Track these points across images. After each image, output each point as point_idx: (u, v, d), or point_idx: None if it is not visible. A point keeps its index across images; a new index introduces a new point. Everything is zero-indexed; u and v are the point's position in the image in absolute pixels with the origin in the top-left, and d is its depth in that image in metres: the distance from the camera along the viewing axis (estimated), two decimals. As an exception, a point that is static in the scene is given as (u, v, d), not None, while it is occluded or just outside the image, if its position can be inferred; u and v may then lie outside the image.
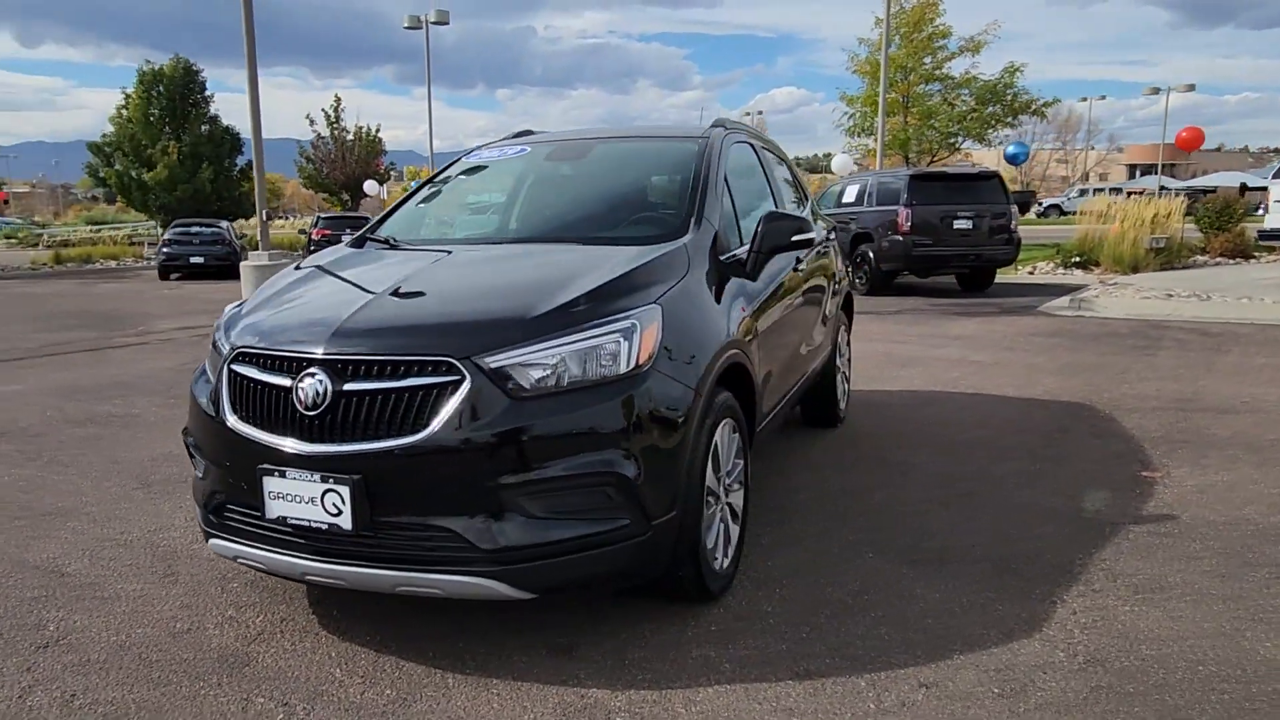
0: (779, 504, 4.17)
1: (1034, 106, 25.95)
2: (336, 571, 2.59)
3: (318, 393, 2.56)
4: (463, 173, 4.37)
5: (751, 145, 4.55)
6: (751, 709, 2.45)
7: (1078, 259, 17.16)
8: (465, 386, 2.50)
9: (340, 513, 2.52)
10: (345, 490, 2.50)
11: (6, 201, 54.15)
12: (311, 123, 35.10)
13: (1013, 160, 20.61)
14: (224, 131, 31.54)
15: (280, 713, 2.48)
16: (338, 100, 35.27)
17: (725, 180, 3.82)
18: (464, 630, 2.92)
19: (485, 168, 4.38)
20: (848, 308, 5.90)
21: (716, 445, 3.03)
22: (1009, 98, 25.61)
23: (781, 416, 4.32)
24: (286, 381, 2.63)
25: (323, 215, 24.54)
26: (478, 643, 2.85)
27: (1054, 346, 8.80)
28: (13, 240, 38.46)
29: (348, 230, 21.01)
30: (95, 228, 40.45)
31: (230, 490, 2.78)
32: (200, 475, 2.97)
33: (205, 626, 3.02)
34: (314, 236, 22.40)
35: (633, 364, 2.65)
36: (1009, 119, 26.10)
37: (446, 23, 32.55)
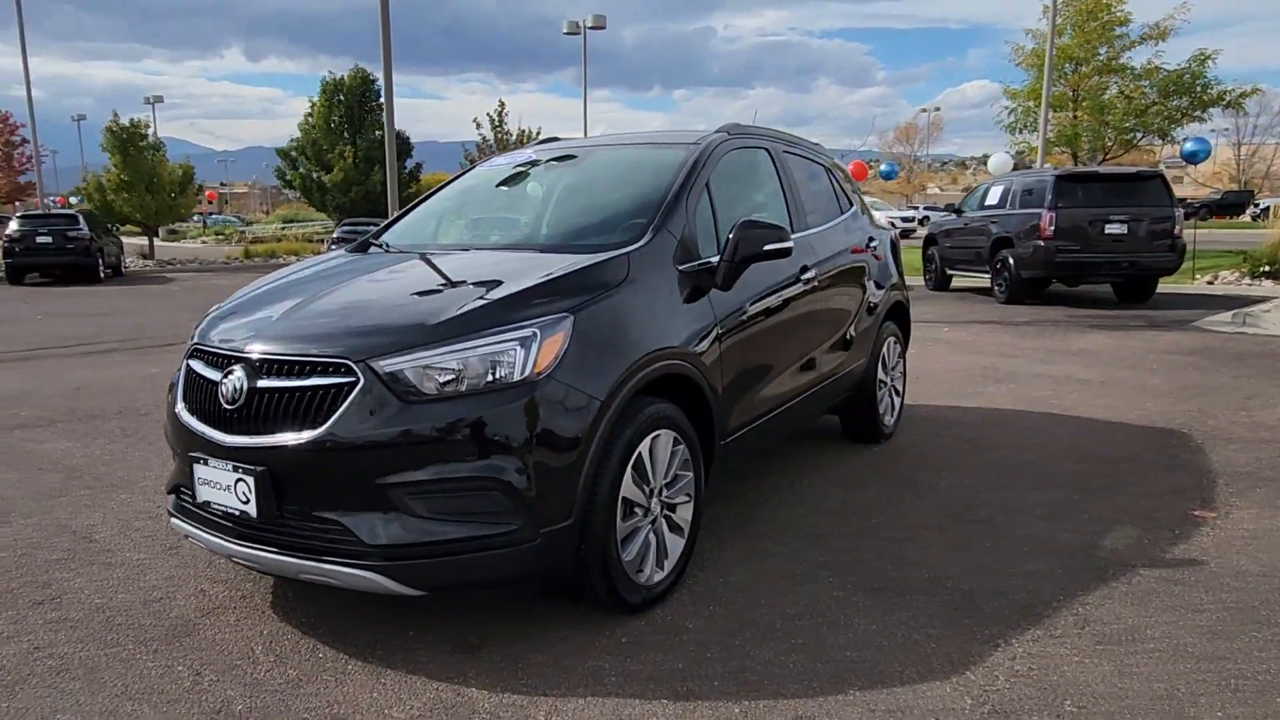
0: (766, 517, 4.07)
1: (1228, 98, 23.51)
2: (251, 555, 2.78)
3: (236, 388, 2.76)
4: (470, 180, 4.53)
5: (768, 151, 4.44)
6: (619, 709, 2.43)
7: (1267, 268, 15.43)
8: (358, 388, 2.62)
9: (248, 501, 2.70)
10: (251, 481, 2.67)
11: (213, 201, 60.21)
12: (478, 126, 36.81)
13: (1191, 159, 18.68)
14: (396, 136, 33.69)
15: (189, 680, 2.69)
16: (501, 105, 36.79)
17: (708, 188, 3.76)
18: (392, 621, 3.05)
19: (491, 175, 4.51)
20: (899, 319, 5.63)
21: (642, 456, 3.00)
22: (1198, 89, 23.34)
23: (780, 431, 4.20)
24: (217, 376, 2.85)
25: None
26: (396, 634, 2.97)
27: (1183, 366, 8.01)
28: (220, 236, 42.68)
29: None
30: (284, 226, 44.21)
31: (181, 474, 3.04)
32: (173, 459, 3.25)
33: (175, 597, 3.30)
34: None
35: (528, 372, 2.68)
36: (1197, 112, 23.79)
37: (603, 27, 33.37)
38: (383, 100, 34.26)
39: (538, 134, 38.01)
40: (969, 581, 3.36)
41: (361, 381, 2.63)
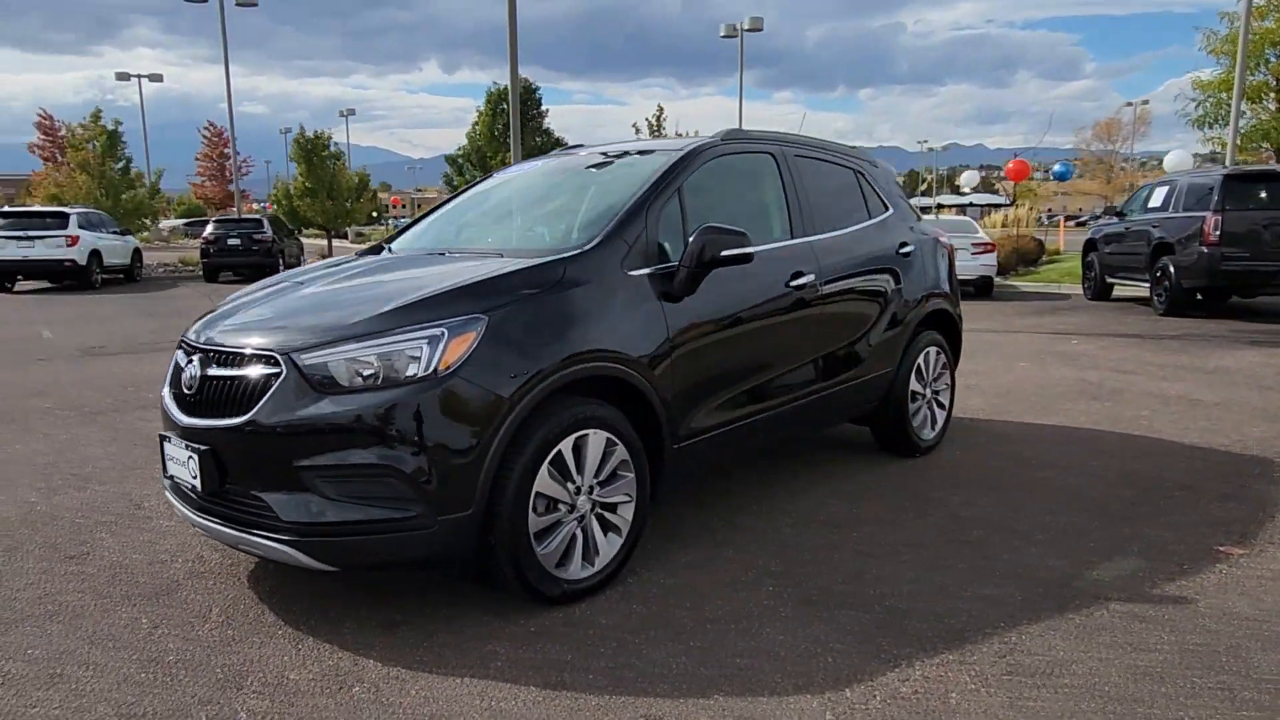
0: (746, 524, 4.05)
1: None
2: (203, 525, 3.11)
3: (192, 375, 3.10)
4: (485, 185, 4.76)
5: (773, 155, 4.40)
6: (471, 705, 2.56)
7: None
8: (281, 378, 2.89)
9: (196, 476, 3.03)
10: (197, 458, 3.00)
11: (399, 205, 64.83)
12: (636, 131, 37.54)
13: None
14: (555, 142, 34.97)
15: (145, 631, 3.04)
16: (660, 110, 37.30)
17: (680, 194, 3.80)
18: (342, 596, 3.30)
19: (502, 182, 4.72)
20: (946, 329, 5.39)
21: (563, 454, 3.11)
22: None
23: (771, 436, 4.17)
24: (184, 364, 3.21)
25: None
26: (338, 607, 3.22)
27: (1329, 388, 7.16)
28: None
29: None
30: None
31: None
32: None
33: (175, 560, 3.71)
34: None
35: (432, 368, 2.86)
36: None
37: (760, 29, 33.24)
38: (544, 108, 35.82)
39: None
40: (912, 601, 3.23)
41: (284, 372, 2.89)
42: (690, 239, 3.57)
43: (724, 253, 3.56)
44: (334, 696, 2.61)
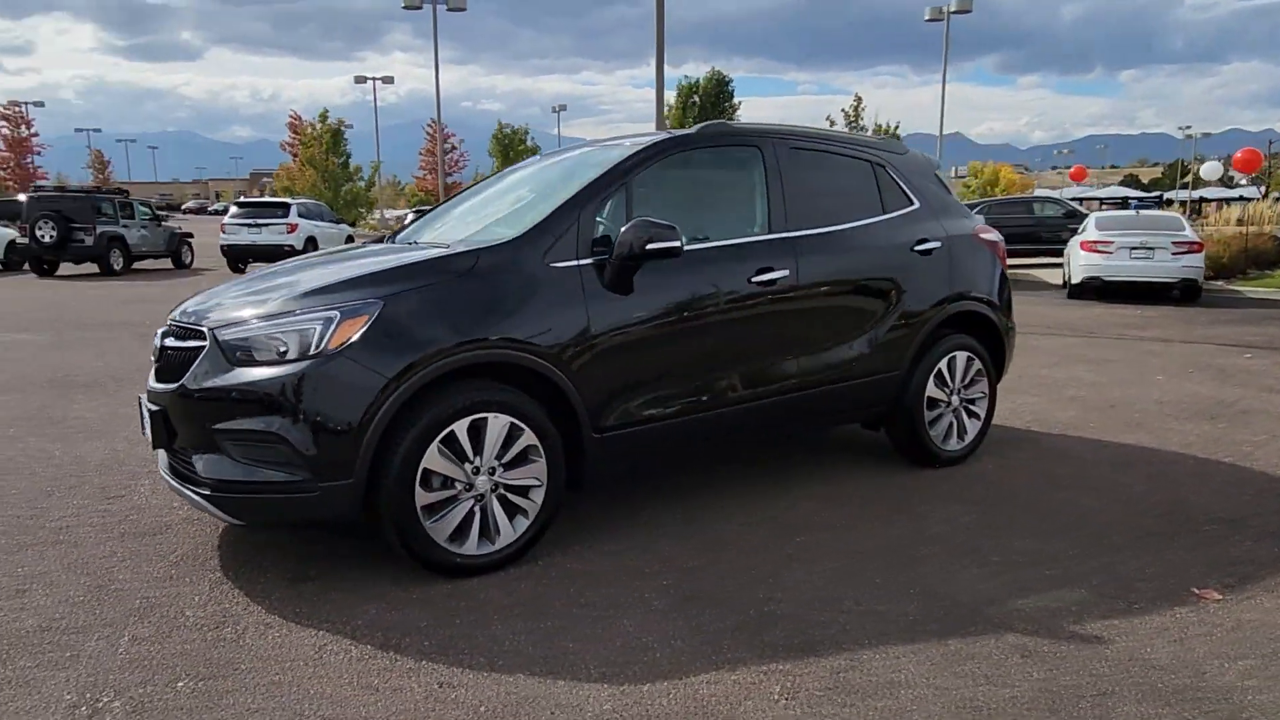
0: (703, 519, 4.04)
1: None
2: (166, 480, 3.56)
3: (156, 345, 3.56)
4: (494, 180, 4.99)
5: (759, 149, 4.31)
6: (303, 653, 2.81)
7: None
8: (205, 350, 3.27)
9: (149, 433, 3.48)
10: (149, 417, 3.45)
11: None
12: (831, 124, 36.66)
13: None
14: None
15: (116, 560, 3.54)
16: (858, 100, 36.24)
17: (627, 188, 3.86)
18: (289, 551, 3.67)
19: (507, 175, 4.93)
20: (982, 333, 5.02)
21: (457, 434, 3.29)
22: None
23: (734, 431, 4.13)
24: (156, 338, 3.68)
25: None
26: (273, 558, 3.58)
27: None
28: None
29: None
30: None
31: None
32: None
33: (178, 507, 4.24)
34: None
35: (321, 348, 3.13)
36: None
37: (969, 10, 31.47)
38: (736, 101, 35.72)
39: (895, 128, 36.88)
40: (794, 609, 3.14)
41: (208, 346, 3.27)
42: (620, 232, 3.62)
43: (649, 246, 3.58)
44: (204, 634, 2.95)
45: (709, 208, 4.15)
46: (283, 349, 3.17)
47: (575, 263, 3.62)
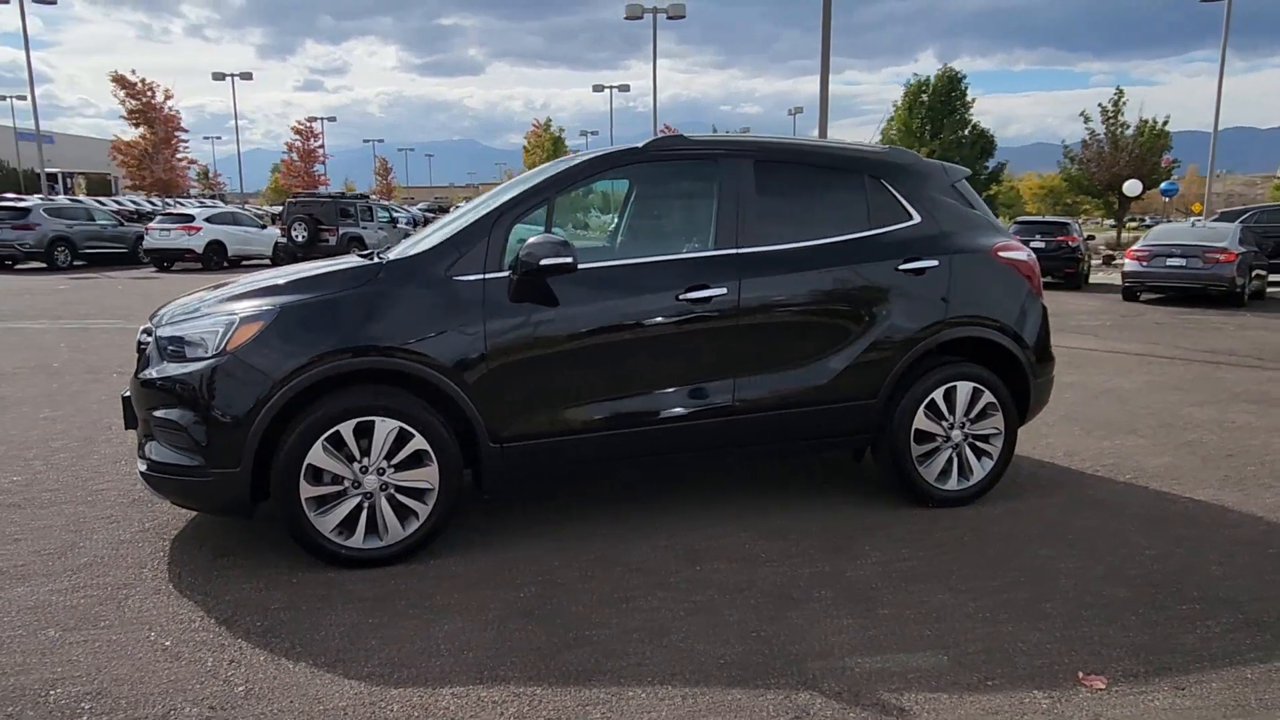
0: (629, 540, 4.02)
1: None
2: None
3: (139, 341, 4.12)
4: (484, 193, 5.20)
5: (715, 162, 4.19)
6: (152, 616, 3.18)
7: None
8: (150, 346, 3.76)
9: (124, 417, 4.05)
10: (124, 403, 4.01)
11: None
12: (1086, 120, 33.52)
13: None
14: (979, 134, 32.47)
15: (109, 524, 4.16)
16: (1119, 93, 32.88)
17: (550, 204, 3.93)
18: (252, 529, 4.12)
19: (493, 189, 5.10)
20: (993, 362, 4.53)
21: (342, 434, 3.54)
22: None
23: (646, 453, 4.06)
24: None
25: (1017, 220, 23.68)
26: (221, 537, 4.03)
27: None
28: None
29: (1037, 235, 20.24)
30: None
31: None
32: None
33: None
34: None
35: (220, 349, 3.50)
36: None
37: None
38: (970, 98, 33.41)
39: (1164, 124, 33.04)
40: (612, 637, 3.09)
41: (151, 342, 3.75)
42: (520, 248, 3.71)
43: (544, 262, 3.64)
44: (107, 592, 3.41)
45: (650, 222, 4.11)
46: (196, 349, 3.57)
47: (480, 276, 3.75)
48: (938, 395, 4.42)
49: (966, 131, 33.12)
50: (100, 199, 34.89)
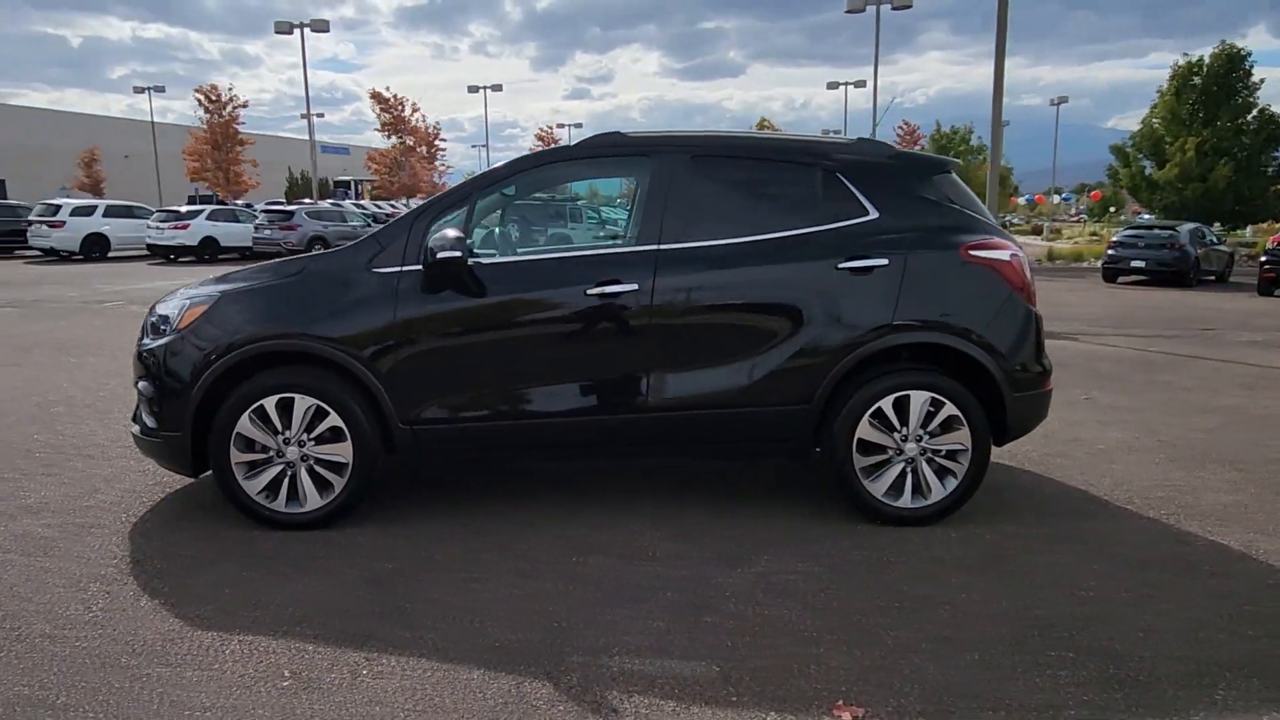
0: (517, 535, 4.17)
1: None
2: None
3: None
4: None
5: (648, 158, 4.18)
6: (105, 557, 3.76)
7: None
8: (145, 323, 4.42)
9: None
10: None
11: (1097, 201, 58.22)
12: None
13: None
14: (1269, 120, 27.85)
15: (80, 471, 4.93)
16: None
17: (469, 200, 4.13)
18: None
19: None
20: (961, 371, 4.13)
21: (265, 408, 3.98)
22: None
23: (555, 445, 4.16)
24: None
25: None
26: (206, 496, 4.65)
27: None
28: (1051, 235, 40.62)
29: None
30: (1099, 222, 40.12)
31: None
32: None
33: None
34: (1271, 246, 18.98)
35: (174, 327, 4.06)
36: None
37: None
38: (1256, 80, 28.75)
39: None
40: (424, 612, 3.26)
41: (148, 320, 4.41)
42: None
43: (439, 255, 3.86)
44: (77, 537, 4.08)
45: (574, 219, 4.19)
46: (163, 325, 4.17)
47: (397, 269, 4.04)
48: (885, 404, 4.11)
49: (1250, 117, 28.68)
50: (378, 203, 39.45)
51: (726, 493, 4.68)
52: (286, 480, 4.06)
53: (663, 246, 4.09)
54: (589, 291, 4.03)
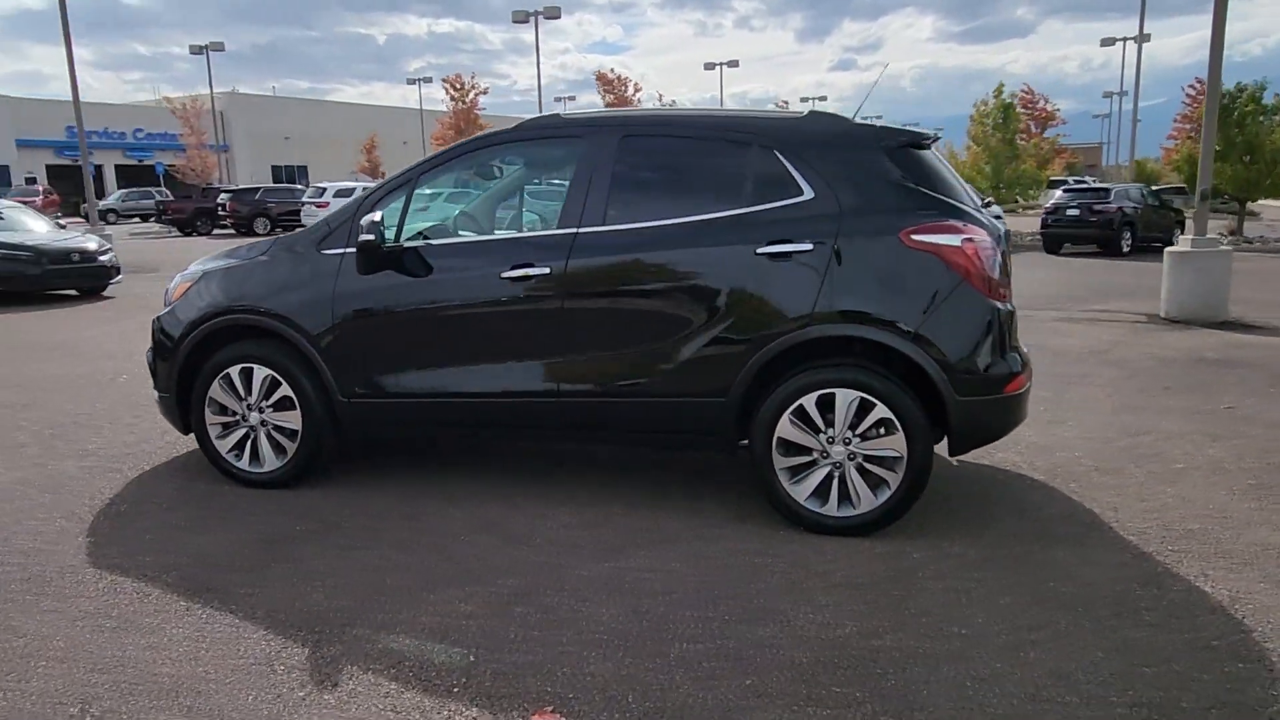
0: (440, 500, 4.30)
1: None
2: None
3: None
4: None
5: (581, 140, 4.10)
6: (98, 498, 4.39)
7: None
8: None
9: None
10: None
11: None
12: None
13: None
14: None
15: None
16: None
17: (409, 185, 4.28)
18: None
19: None
20: (901, 370, 3.71)
21: (231, 376, 4.41)
22: None
23: (482, 423, 4.24)
24: None
25: None
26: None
27: None
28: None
29: None
30: None
31: None
32: None
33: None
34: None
35: (170, 299, 4.60)
36: None
37: None
38: None
39: None
40: (274, 573, 3.51)
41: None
42: None
43: (361, 238, 4.05)
44: (92, 479, 4.75)
45: (509, 202, 4.22)
46: (165, 299, 4.73)
47: (340, 251, 4.29)
48: (808, 402, 3.78)
49: None
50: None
51: (686, 484, 4.51)
52: (249, 442, 4.48)
53: (581, 230, 4.02)
54: (503, 275, 4.05)
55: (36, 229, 13.38)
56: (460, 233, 4.52)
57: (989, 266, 3.74)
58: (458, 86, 43.97)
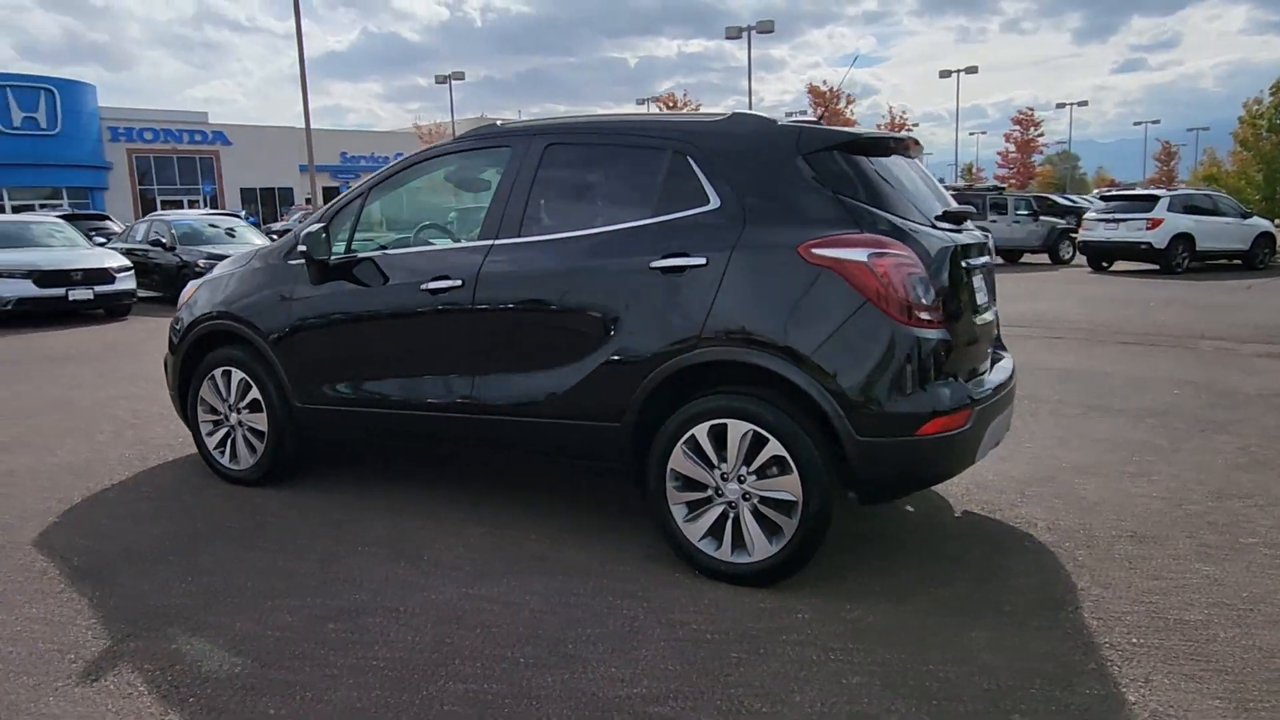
0: (382, 506, 4.32)
1: None
2: None
3: None
4: None
5: (510, 150, 3.99)
6: (113, 477, 4.87)
7: None
8: None
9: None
10: None
11: None
12: None
13: None
14: None
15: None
16: None
17: (365, 197, 4.36)
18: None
19: None
20: (786, 397, 3.26)
21: (215, 379, 4.73)
22: None
23: (419, 434, 4.22)
24: None
25: None
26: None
27: None
28: None
29: None
30: None
31: None
32: None
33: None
34: None
35: (181, 303, 5.01)
36: None
37: None
38: None
39: None
40: (196, 566, 3.67)
41: None
42: None
43: (298, 249, 4.20)
44: (129, 466, 5.25)
45: (445, 214, 4.19)
46: (180, 302, 5.15)
47: (299, 262, 4.46)
48: (700, 432, 3.42)
49: None
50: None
51: (630, 515, 4.24)
52: (230, 441, 4.76)
53: (496, 242, 3.92)
54: (423, 287, 4.03)
55: (258, 244, 15.27)
56: (418, 244, 4.56)
57: (906, 287, 3.19)
58: (670, 105, 45.08)
